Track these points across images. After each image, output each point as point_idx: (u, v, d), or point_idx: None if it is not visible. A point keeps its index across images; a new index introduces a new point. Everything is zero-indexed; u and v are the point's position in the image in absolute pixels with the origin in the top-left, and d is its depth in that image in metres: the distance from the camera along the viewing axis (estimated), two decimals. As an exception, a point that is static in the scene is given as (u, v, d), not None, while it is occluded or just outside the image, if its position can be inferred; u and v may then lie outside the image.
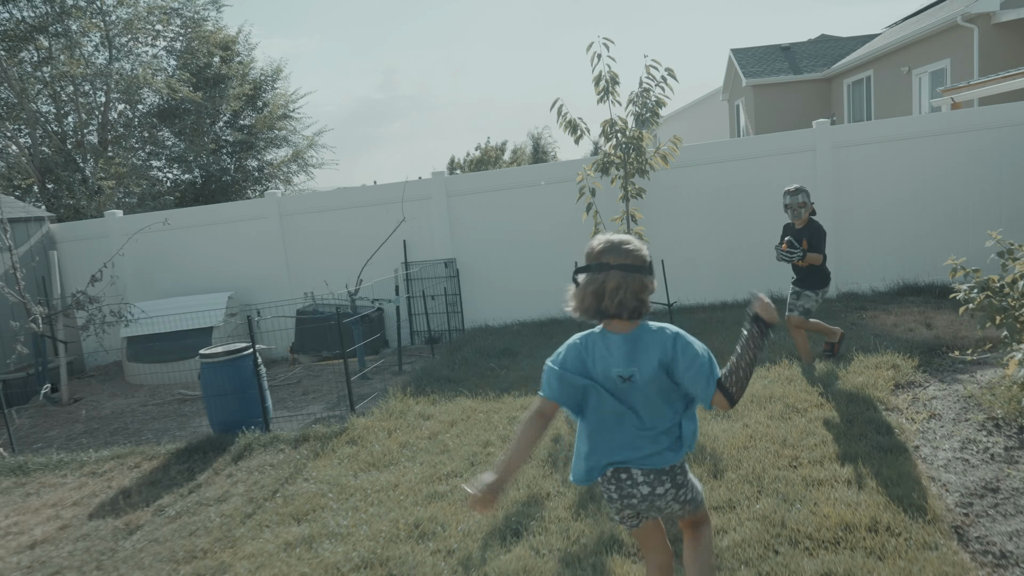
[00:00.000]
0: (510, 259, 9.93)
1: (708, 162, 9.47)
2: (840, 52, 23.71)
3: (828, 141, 9.20)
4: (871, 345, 6.67)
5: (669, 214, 9.61)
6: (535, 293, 9.89)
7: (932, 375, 5.96)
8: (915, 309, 8.17)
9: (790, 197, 6.46)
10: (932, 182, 9.15)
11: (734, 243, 9.58)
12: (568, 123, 7.86)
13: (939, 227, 9.20)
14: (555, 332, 9.18)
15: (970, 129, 9.01)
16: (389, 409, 6.46)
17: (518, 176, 9.90)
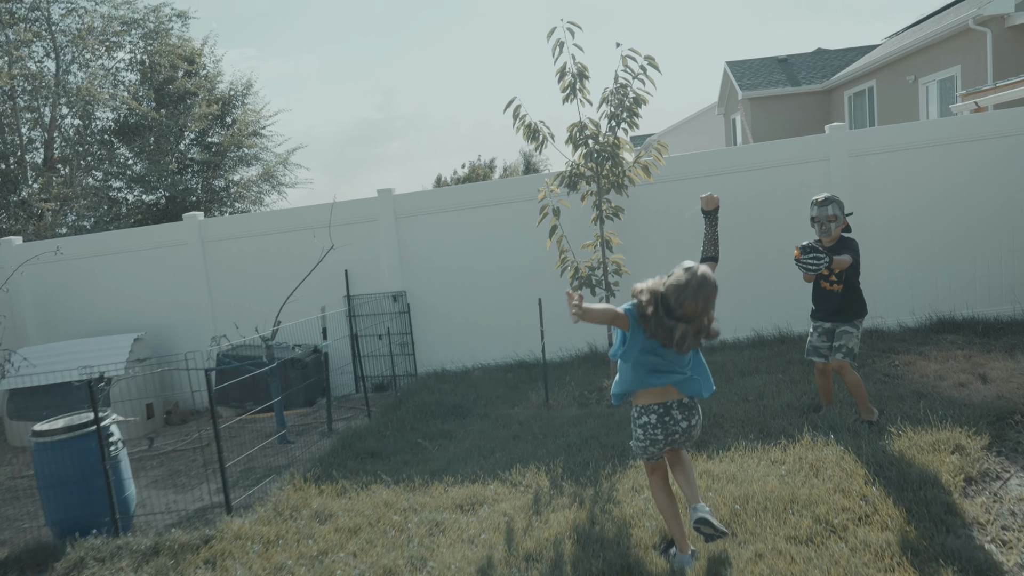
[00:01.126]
0: (470, 292, 8.25)
1: (702, 175, 7.80)
2: (839, 63, 22.18)
3: (844, 149, 7.53)
4: (917, 411, 4.96)
5: (654, 238, 7.93)
6: (500, 331, 8.20)
7: (1011, 459, 4.26)
8: (959, 353, 6.46)
9: (818, 208, 4.92)
10: (969, 196, 7.47)
11: (736, 271, 7.88)
12: (527, 127, 6.22)
13: (978, 249, 7.52)
14: (521, 380, 7.47)
15: (1015, 133, 7.35)
16: (280, 503, 4.75)
17: (479, 194, 8.25)
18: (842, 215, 4.96)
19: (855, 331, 5.01)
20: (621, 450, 4.96)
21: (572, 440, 5.30)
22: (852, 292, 5.04)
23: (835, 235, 5.03)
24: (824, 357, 5.16)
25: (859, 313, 5.04)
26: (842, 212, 4.96)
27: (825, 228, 5.02)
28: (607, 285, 6.28)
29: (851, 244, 5.01)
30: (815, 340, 5.20)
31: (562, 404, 6.46)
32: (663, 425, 3.55)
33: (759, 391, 5.87)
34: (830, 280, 5.07)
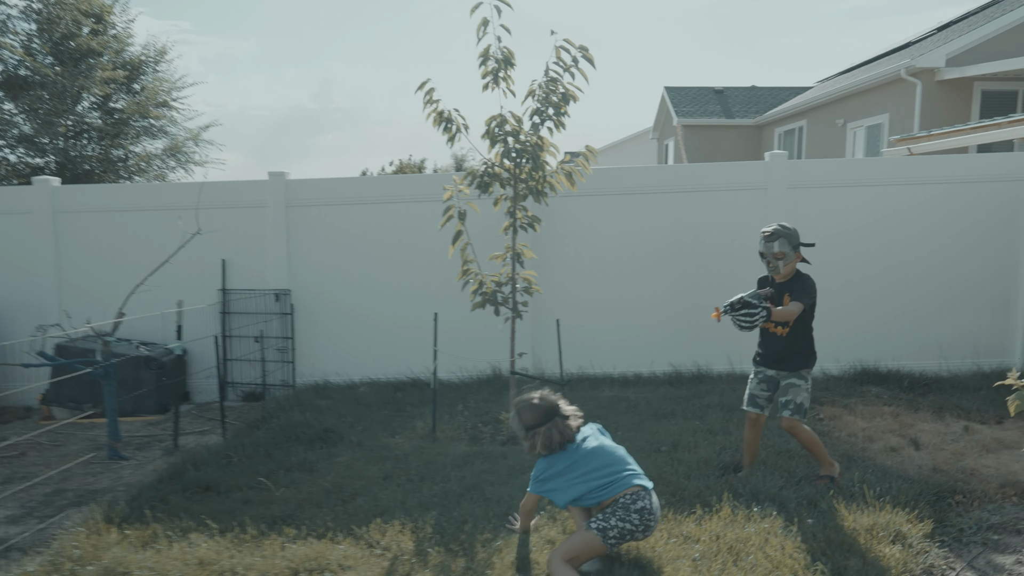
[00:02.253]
0: (365, 297, 7.25)
1: (633, 191, 7.06)
2: (773, 101, 22.20)
3: (783, 179, 6.91)
4: (851, 481, 4.26)
5: (573, 256, 7.14)
6: (395, 344, 7.23)
7: (955, 551, 3.58)
8: (886, 409, 5.87)
9: (764, 244, 4.26)
10: (904, 243, 6.97)
11: (658, 301, 7.17)
12: (438, 114, 5.29)
13: (908, 301, 7.02)
14: (411, 402, 6.51)
15: (959, 180, 6.88)
16: (63, 552, 3.64)
17: (383, 188, 7.27)
18: (792, 251, 4.25)
19: (803, 384, 4.29)
20: (508, 507, 4.06)
21: (452, 488, 4.38)
22: (801, 338, 4.33)
23: (787, 272, 4.31)
24: (760, 408, 4.44)
25: (807, 363, 4.34)
26: (792, 247, 4.24)
27: (773, 266, 4.31)
28: (514, 305, 5.41)
29: (806, 284, 4.29)
30: (754, 388, 4.47)
31: (451, 436, 5.53)
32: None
33: (674, 440, 5.10)
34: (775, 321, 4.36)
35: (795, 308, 4.14)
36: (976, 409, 5.81)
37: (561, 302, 7.13)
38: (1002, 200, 6.88)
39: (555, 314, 6.89)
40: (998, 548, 3.60)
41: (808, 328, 4.33)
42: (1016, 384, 3.17)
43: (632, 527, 3.34)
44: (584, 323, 7.17)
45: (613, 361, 7.20)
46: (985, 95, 14.61)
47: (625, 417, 5.77)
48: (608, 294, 7.16)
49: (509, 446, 5.25)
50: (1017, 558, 3.50)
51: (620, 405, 6.11)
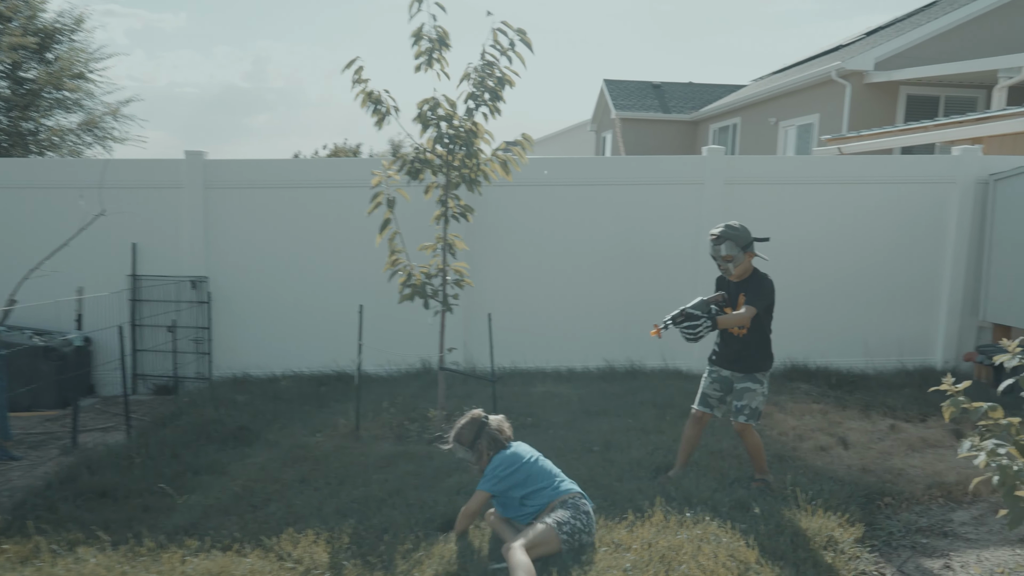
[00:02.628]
0: (289, 285, 6.87)
1: (571, 182, 6.88)
2: (709, 98, 22.45)
3: (720, 174, 6.85)
4: (783, 483, 4.18)
5: (507, 248, 6.92)
6: (321, 335, 6.88)
7: (885, 555, 3.52)
8: (815, 407, 5.87)
9: (712, 247, 4.12)
10: (834, 241, 7.01)
11: (592, 294, 7.02)
12: (367, 94, 4.98)
13: (837, 298, 7.07)
14: (335, 396, 6.20)
15: (889, 181, 6.95)
16: (-73, 571, 3.24)
17: (309, 172, 6.88)
18: (740, 252, 4.10)
19: (759, 388, 4.16)
20: (431, 514, 3.83)
21: (374, 492, 4.11)
22: (757, 340, 4.19)
23: (740, 272, 4.16)
24: (710, 408, 4.32)
25: (761, 365, 4.20)
26: (741, 248, 4.09)
27: (724, 268, 4.19)
28: (444, 298, 5.16)
29: (760, 286, 4.13)
30: (707, 387, 4.34)
31: (375, 435, 5.25)
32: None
33: (606, 439, 4.95)
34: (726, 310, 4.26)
35: (745, 313, 4.02)
36: (901, 407, 5.86)
37: (494, 295, 6.91)
38: (929, 202, 6.98)
39: (488, 307, 6.66)
40: (926, 552, 3.57)
41: (764, 330, 4.21)
42: (950, 390, 3.10)
43: (581, 526, 3.39)
44: (518, 316, 6.97)
45: (547, 355, 7.03)
46: (910, 99, 15.03)
47: (557, 414, 5.59)
48: (543, 287, 6.98)
49: (437, 446, 5.01)
50: (945, 562, 3.46)
51: (553, 401, 5.93)
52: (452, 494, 4.05)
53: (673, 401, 5.86)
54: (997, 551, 3.55)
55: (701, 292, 6.91)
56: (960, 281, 6.99)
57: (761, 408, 4.16)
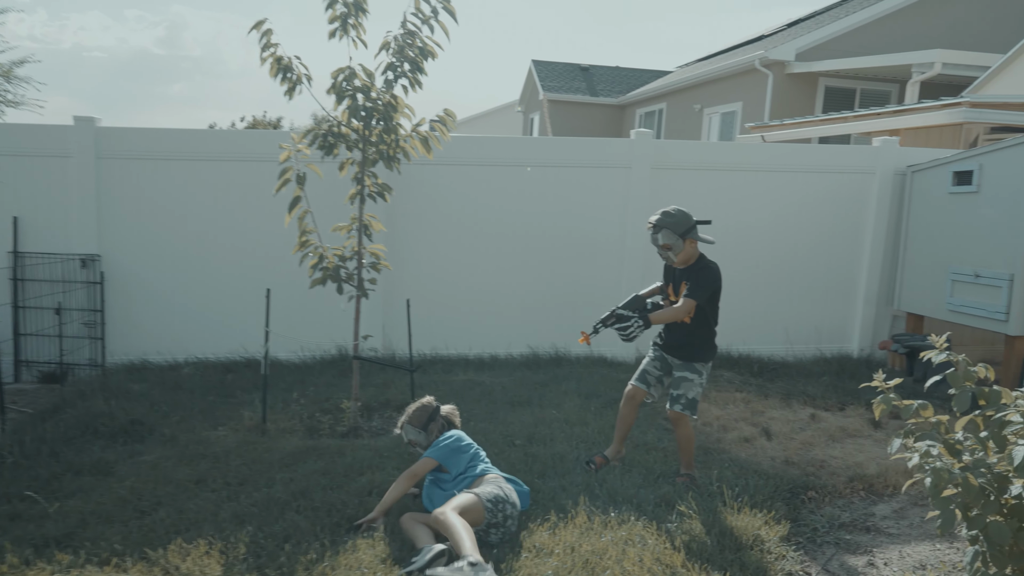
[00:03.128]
0: (193, 265, 6.37)
1: (496, 163, 6.60)
2: (636, 82, 22.50)
3: (648, 159, 6.70)
4: (709, 478, 4.06)
5: (427, 231, 6.61)
6: (228, 319, 6.42)
7: (810, 553, 3.43)
8: (738, 396, 5.83)
9: (651, 236, 3.97)
10: (757, 228, 6.98)
11: (517, 279, 6.79)
12: (276, 61, 4.56)
13: (760, 285, 7.06)
14: (242, 386, 5.78)
15: (811, 170, 6.95)
16: None
17: (214, 143, 6.35)
18: (678, 239, 3.92)
19: (698, 378, 4.01)
20: (339, 517, 3.52)
21: (277, 494, 3.77)
22: (700, 330, 4.04)
23: (684, 259, 3.98)
24: (646, 385, 4.16)
25: (702, 355, 4.05)
26: (679, 235, 3.91)
27: (664, 257, 4.03)
28: (360, 282, 4.81)
29: (703, 275, 3.97)
30: (647, 364, 4.20)
31: (283, 428, 4.88)
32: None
33: (529, 432, 4.73)
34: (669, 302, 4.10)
35: (681, 307, 3.88)
36: (821, 396, 5.87)
37: (416, 279, 6.60)
38: (850, 192, 7.02)
39: (409, 292, 6.35)
40: (850, 548, 3.50)
41: (708, 320, 4.06)
42: (881, 386, 3.00)
43: (503, 496, 3.38)
44: (440, 301, 6.68)
45: (469, 342, 6.77)
46: (828, 90, 15.37)
47: (479, 405, 5.35)
48: (466, 271, 6.70)
49: (350, 439, 4.69)
50: (868, 559, 3.39)
51: (474, 391, 5.69)
52: (363, 495, 3.75)
53: (598, 390, 5.70)
54: (918, 546, 3.51)
55: (627, 278, 6.82)
56: (877, 271, 7.09)
57: (698, 399, 4.03)
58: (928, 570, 3.28)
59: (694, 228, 3.95)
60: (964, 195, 6.26)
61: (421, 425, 3.80)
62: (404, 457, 4.28)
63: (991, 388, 2.85)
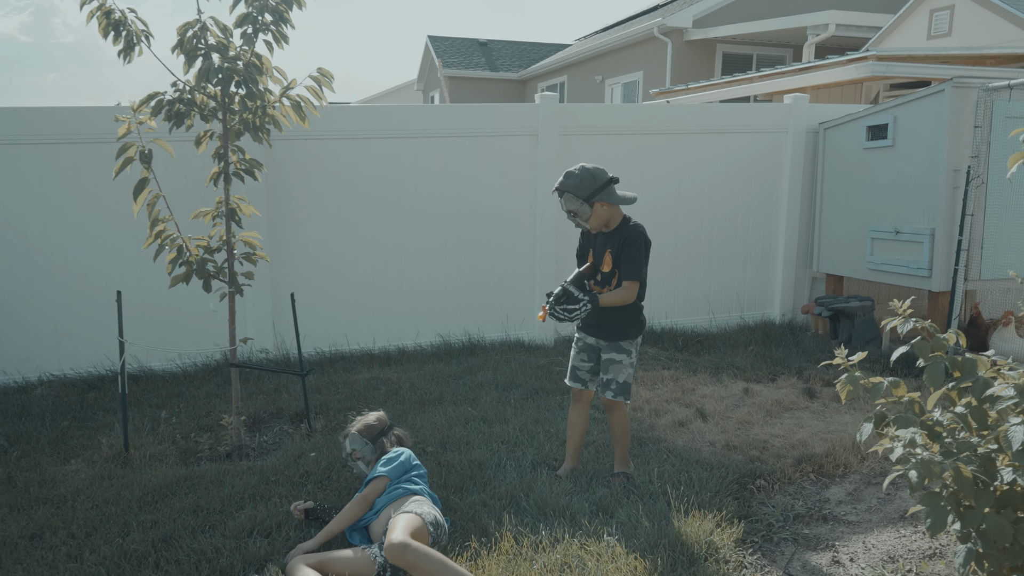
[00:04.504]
0: (41, 267, 5.39)
1: (390, 135, 5.89)
2: (535, 56, 21.99)
3: (555, 124, 6.14)
4: (648, 477, 3.57)
5: (317, 213, 5.85)
6: (89, 328, 5.49)
7: (768, 555, 2.98)
8: (666, 374, 5.40)
9: (558, 201, 3.45)
10: (670, 193, 6.56)
11: (421, 261, 6.13)
12: (104, 16, 3.70)
13: (679, 255, 6.66)
14: (106, 404, 4.91)
15: (730, 130, 6.58)
16: None
17: (40, 123, 5.33)
18: (584, 203, 3.38)
19: (627, 358, 3.48)
20: (211, 571, 2.81)
21: (132, 545, 3.01)
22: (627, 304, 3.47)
23: (598, 225, 3.45)
24: (583, 383, 3.62)
25: (628, 332, 3.49)
26: (584, 199, 3.37)
27: (576, 223, 3.49)
28: (231, 277, 4.04)
29: (629, 243, 3.44)
30: (574, 359, 3.65)
31: (152, 454, 4.08)
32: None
33: (442, 436, 4.12)
34: (596, 279, 3.53)
35: (627, 291, 3.39)
36: (750, 367, 5.52)
37: (306, 269, 5.84)
38: (764, 153, 6.70)
39: (300, 284, 5.62)
40: (810, 544, 3.07)
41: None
42: (844, 364, 2.55)
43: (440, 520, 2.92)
44: (336, 292, 5.95)
45: (372, 334, 6.08)
46: (726, 57, 15.29)
47: (385, 408, 4.66)
48: (364, 257, 5.98)
49: (232, 462, 3.96)
50: (832, 555, 2.97)
51: (379, 391, 5.02)
52: (242, 536, 3.05)
53: (516, 380, 5.15)
54: (881, 534, 3.12)
55: (541, 252, 6.26)
56: (795, 233, 6.81)
57: (631, 382, 3.51)
58: (899, 562, 2.89)
59: (604, 189, 3.39)
60: (879, 150, 6.01)
61: (371, 437, 3.31)
62: (295, 481, 3.59)
63: (964, 357, 2.44)
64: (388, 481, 3.09)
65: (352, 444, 3.31)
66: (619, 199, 3.41)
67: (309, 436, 4.25)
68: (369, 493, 3.07)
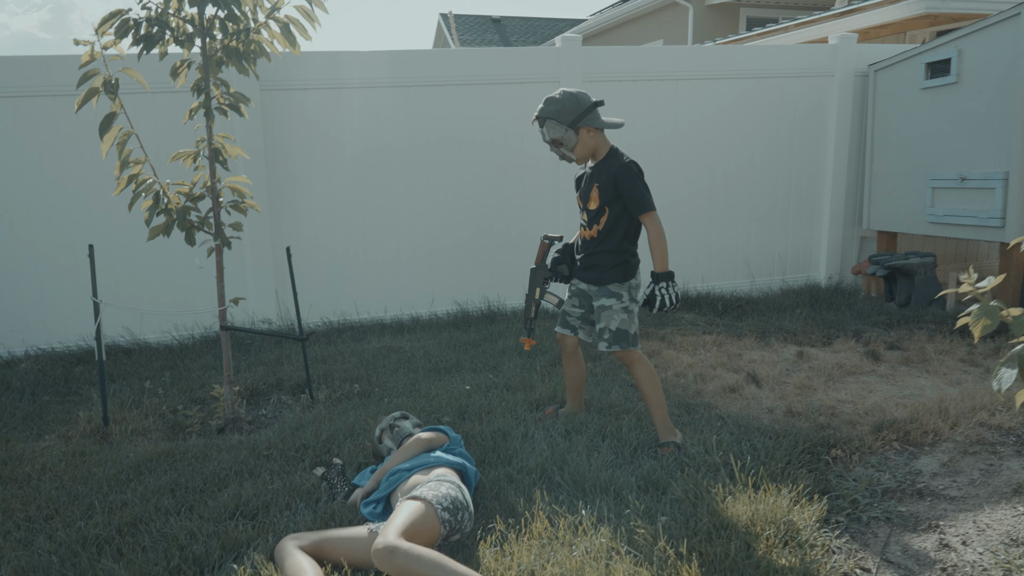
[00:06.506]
0: (17, 233, 4.92)
1: (399, 83, 5.34)
2: (550, 32, 21.31)
3: (577, 69, 5.55)
4: (702, 441, 3.00)
5: (324, 167, 5.33)
6: (77, 298, 5.01)
7: (861, 541, 2.41)
8: (707, 339, 4.83)
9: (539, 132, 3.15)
10: (706, 147, 5.96)
11: (444, 220, 5.59)
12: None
13: (716, 215, 6.07)
14: (92, 378, 4.43)
15: (769, 74, 5.95)
16: None
17: (11, 74, 4.84)
18: (571, 131, 3.00)
19: (616, 303, 3.04)
20: (180, 559, 2.30)
21: (96, 529, 2.51)
22: (608, 241, 3.06)
23: (584, 154, 3.06)
24: (571, 329, 3.23)
25: (613, 275, 3.06)
26: (569, 124, 2.98)
27: (560, 154, 3.11)
28: (217, 228, 3.52)
29: (620, 170, 3.01)
30: (566, 304, 3.25)
31: (136, 429, 3.59)
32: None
33: (460, 405, 3.59)
34: (584, 218, 3.15)
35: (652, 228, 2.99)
36: (800, 331, 4.93)
37: (312, 231, 5.33)
38: (808, 99, 6.07)
39: (306, 248, 5.13)
40: (907, 524, 2.50)
41: (616, 228, 3.06)
42: (974, 292, 1.97)
43: (463, 501, 2.34)
44: (346, 257, 5.43)
45: (384, 303, 5.56)
46: (750, 20, 14.58)
47: (396, 376, 4.17)
48: (374, 217, 5.45)
49: (225, 436, 3.45)
50: (938, 536, 2.40)
51: (390, 360, 4.49)
52: (223, 518, 2.55)
53: (542, 346, 4.61)
54: (994, 511, 2.54)
55: (565, 207, 5.69)
56: (842, 187, 6.18)
57: (631, 329, 3.04)
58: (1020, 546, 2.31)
59: (589, 113, 3.00)
60: (940, 89, 5.37)
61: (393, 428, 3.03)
62: (289, 456, 3.08)
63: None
64: (447, 441, 2.77)
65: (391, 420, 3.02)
66: (606, 123, 3.03)
67: (310, 407, 3.74)
68: (434, 439, 2.74)
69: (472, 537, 2.37)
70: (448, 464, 2.55)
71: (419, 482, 2.42)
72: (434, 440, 2.74)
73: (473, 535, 2.38)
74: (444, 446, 2.74)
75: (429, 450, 2.69)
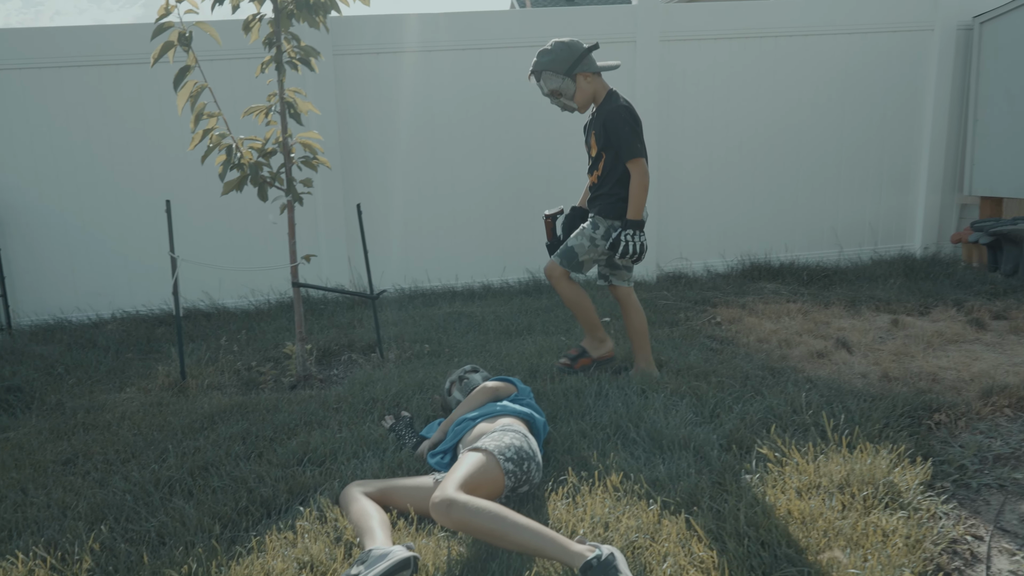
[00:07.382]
0: (104, 201, 5.09)
1: (467, 46, 5.25)
2: None
3: (655, 29, 5.33)
4: (787, 405, 2.80)
5: (397, 136, 5.29)
6: (160, 264, 5.16)
7: (971, 508, 2.18)
8: (792, 307, 4.56)
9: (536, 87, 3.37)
10: (791, 109, 5.63)
11: (515, 188, 5.49)
12: None
13: (802, 183, 5.74)
14: (172, 338, 4.54)
15: (862, 30, 5.58)
16: None
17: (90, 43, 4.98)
18: (568, 80, 3.06)
19: (590, 231, 3.15)
20: (248, 503, 2.28)
21: (168, 472, 2.53)
22: (607, 184, 3.12)
23: (584, 101, 3.13)
24: (605, 279, 3.30)
25: (606, 211, 3.13)
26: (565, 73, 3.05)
27: (561, 105, 3.18)
28: (289, 183, 3.51)
29: (609, 115, 3.04)
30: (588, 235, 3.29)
31: (211, 383, 3.65)
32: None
33: (531, 365, 3.48)
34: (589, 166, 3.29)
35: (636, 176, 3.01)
36: (896, 299, 4.60)
37: (384, 198, 5.32)
38: (902, 54, 5.65)
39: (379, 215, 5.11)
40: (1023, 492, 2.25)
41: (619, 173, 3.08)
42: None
43: (529, 452, 2.21)
44: (417, 224, 5.40)
45: (455, 271, 5.51)
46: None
47: (465, 338, 4.10)
48: (446, 187, 5.39)
49: (297, 392, 3.45)
50: (1061, 507, 2.14)
51: (460, 323, 4.43)
52: (291, 464, 2.53)
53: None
54: None
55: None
56: (941, 150, 5.74)
57: (579, 255, 3.15)
58: None
59: (584, 58, 3.06)
60: (1057, 38, 4.89)
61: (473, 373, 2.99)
62: (359, 408, 3.04)
63: None
64: (515, 391, 2.69)
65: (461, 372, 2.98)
66: (601, 67, 3.09)
67: (380, 366, 3.71)
68: (500, 388, 2.66)
69: (542, 489, 2.26)
70: (514, 413, 2.44)
71: (484, 431, 2.32)
72: (500, 389, 2.64)
73: (543, 487, 2.27)
74: (512, 396, 2.63)
75: (496, 399, 2.60)
